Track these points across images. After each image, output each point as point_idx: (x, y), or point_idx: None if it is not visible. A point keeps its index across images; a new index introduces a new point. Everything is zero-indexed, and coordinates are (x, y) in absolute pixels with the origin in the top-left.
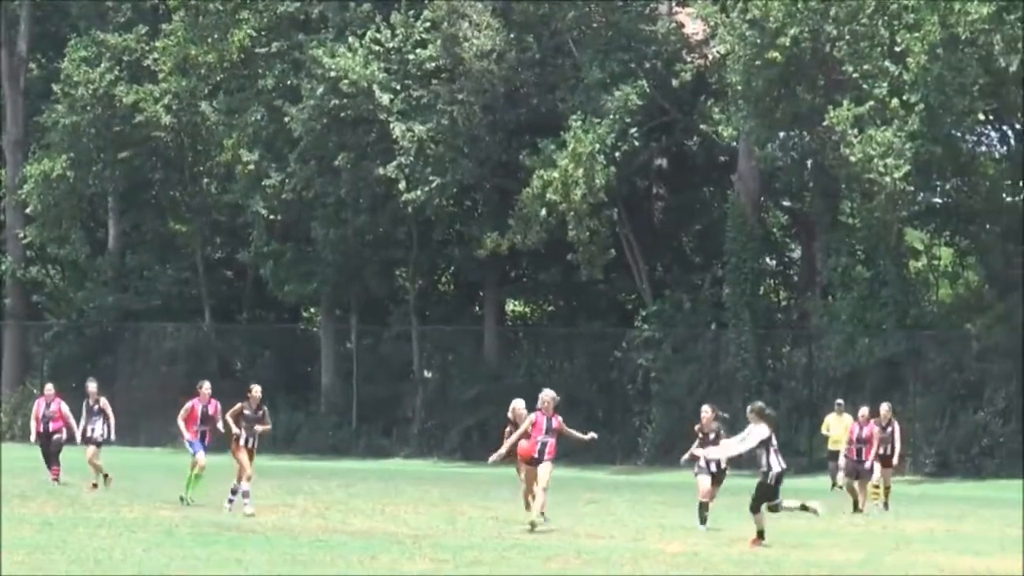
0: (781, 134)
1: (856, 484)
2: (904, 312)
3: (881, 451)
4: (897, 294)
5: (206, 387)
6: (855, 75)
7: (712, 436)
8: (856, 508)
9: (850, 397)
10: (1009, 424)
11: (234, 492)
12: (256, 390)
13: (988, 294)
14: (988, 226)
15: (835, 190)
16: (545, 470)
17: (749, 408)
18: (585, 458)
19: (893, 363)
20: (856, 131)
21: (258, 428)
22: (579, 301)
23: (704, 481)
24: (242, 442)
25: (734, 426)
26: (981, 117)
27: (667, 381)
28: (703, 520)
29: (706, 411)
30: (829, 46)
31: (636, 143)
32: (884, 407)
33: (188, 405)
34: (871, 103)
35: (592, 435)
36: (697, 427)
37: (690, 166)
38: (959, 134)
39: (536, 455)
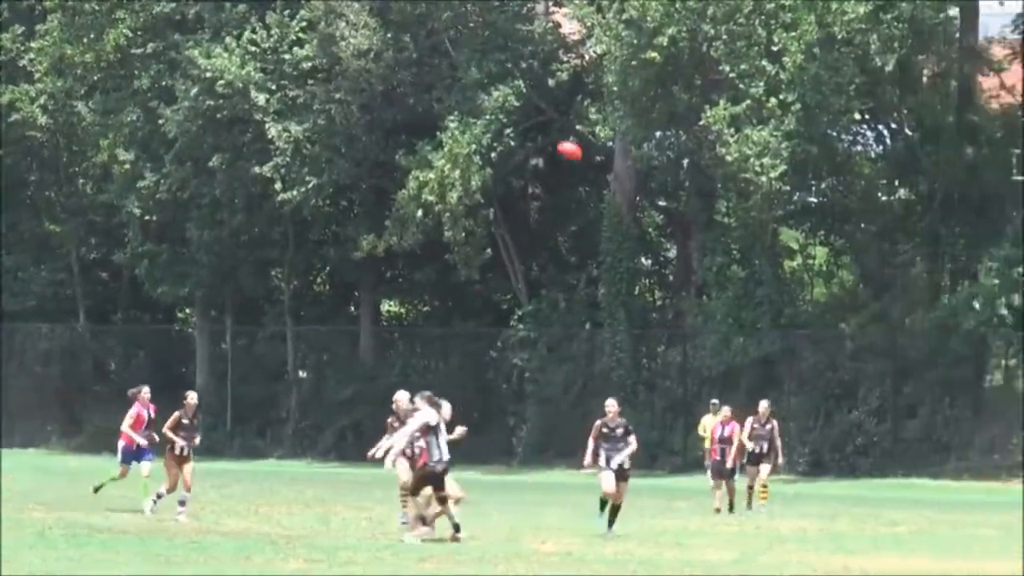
0: (657, 134)
1: (723, 484)
2: (779, 311)
3: (759, 449)
4: (772, 293)
5: (192, 397)
6: (732, 75)
7: (620, 432)
8: (730, 508)
9: (725, 396)
10: (883, 423)
11: (159, 497)
12: (192, 397)
13: (862, 293)
14: (863, 225)
15: (711, 189)
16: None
17: (419, 395)
18: (459, 458)
19: (768, 362)
20: (732, 130)
21: (197, 439)
22: (455, 301)
23: (607, 478)
24: (177, 451)
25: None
26: (857, 117)
27: (542, 381)
28: (602, 508)
29: (612, 405)
30: (706, 46)
31: (512, 143)
32: (763, 405)
33: (135, 412)
34: (748, 102)
35: (462, 431)
36: (600, 422)
37: (566, 166)
38: (835, 133)
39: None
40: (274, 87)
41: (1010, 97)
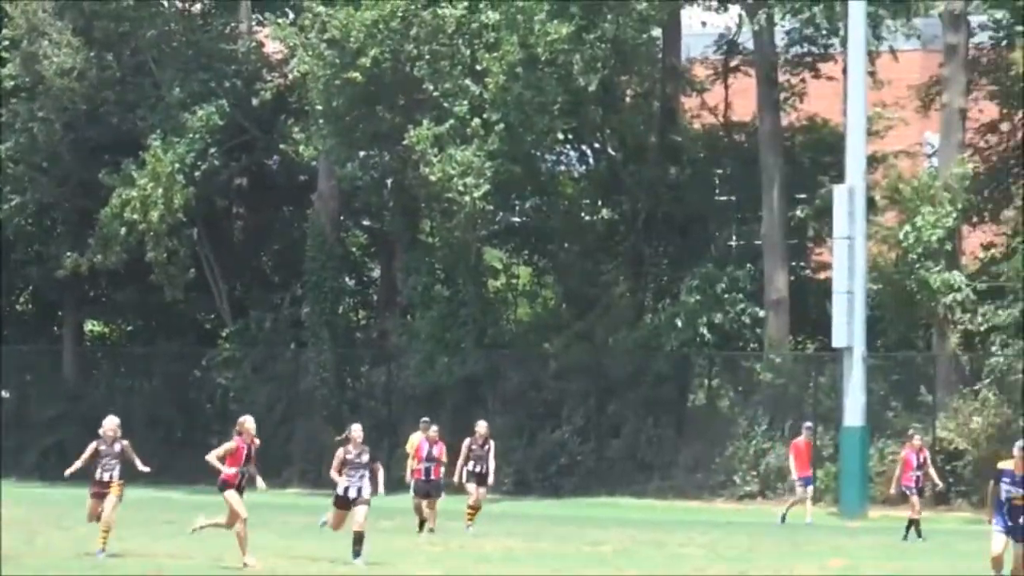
0: (361, 153)
1: (425, 503)
2: (483, 331)
3: (479, 469)
4: (476, 313)
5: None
6: (436, 94)
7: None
8: (423, 528)
9: (431, 415)
10: (587, 442)
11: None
12: (109, 423)
13: (566, 313)
14: (566, 245)
15: (415, 209)
16: None
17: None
18: (163, 478)
19: (472, 381)
20: (436, 150)
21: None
22: (159, 321)
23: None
24: (97, 476)
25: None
26: (560, 136)
27: (246, 400)
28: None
29: (482, 425)
30: (410, 65)
31: (216, 162)
32: (481, 425)
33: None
34: (451, 122)
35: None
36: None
37: (270, 185)
38: (538, 153)
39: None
40: None
41: (712, 117)
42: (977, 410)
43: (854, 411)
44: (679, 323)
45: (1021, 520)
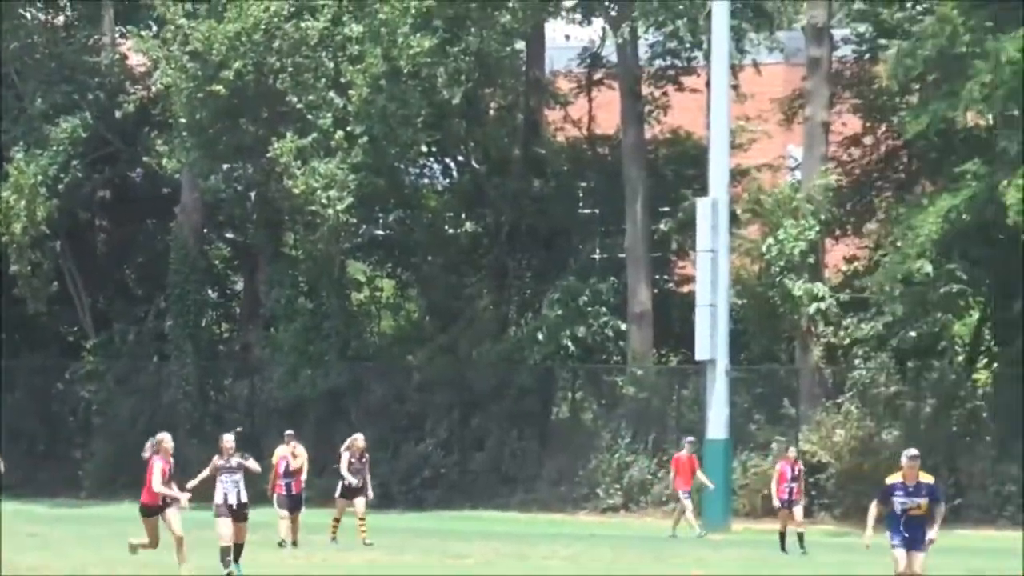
0: (225, 166)
1: (290, 517)
2: (346, 343)
3: (358, 483)
4: (339, 326)
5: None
6: (300, 106)
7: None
8: (284, 543)
9: (294, 428)
10: (451, 455)
11: None
12: None
13: (429, 326)
14: (430, 258)
15: (278, 222)
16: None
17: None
18: (26, 491)
19: (336, 394)
20: (300, 163)
21: None
22: (22, 334)
23: (224, 523)
24: None
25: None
26: (424, 149)
27: (109, 413)
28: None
29: (359, 438)
30: (273, 78)
31: (79, 174)
32: (359, 438)
33: None
34: (315, 135)
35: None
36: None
37: (133, 198)
38: (402, 166)
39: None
40: None
41: (576, 130)
42: (840, 423)
43: (717, 424)
44: (541, 336)
45: (920, 531)
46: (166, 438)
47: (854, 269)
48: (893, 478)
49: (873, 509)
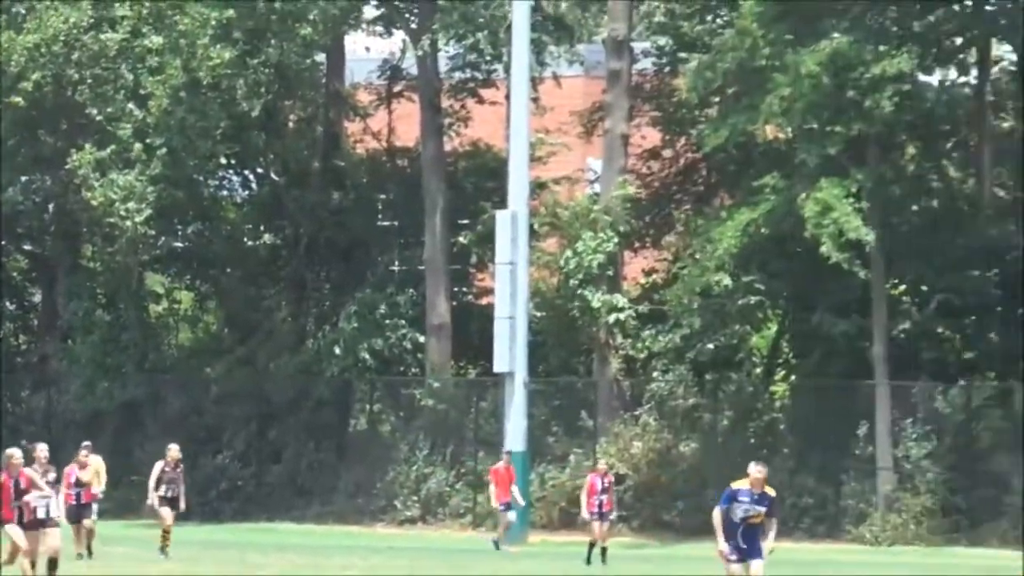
0: (23, 178)
1: (76, 527)
2: (144, 355)
3: (171, 493)
4: (137, 338)
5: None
6: (99, 118)
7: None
8: (89, 553)
9: (91, 440)
10: (248, 467)
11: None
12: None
13: (228, 338)
14: (229, 270)
15: (77, 233)
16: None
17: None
18: None
19: (133, 406)
20: (98, 174)
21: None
22: None
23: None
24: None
25: None
26: (224, 161)
27: None
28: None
29: (174, 448)
30: (72, 90)
31: None
32: (174, 448)
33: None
34: (114, 146)
35: None
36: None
37: None
38: (201, 178)
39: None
40: None
41: (376, 143)
42: (638, 435)
43: (515, 436)
44: (339, 349)
45: (755, 540)
46: (16, 454)
47: (653, 281)
48: (740, 484)
49: (717, 515)
